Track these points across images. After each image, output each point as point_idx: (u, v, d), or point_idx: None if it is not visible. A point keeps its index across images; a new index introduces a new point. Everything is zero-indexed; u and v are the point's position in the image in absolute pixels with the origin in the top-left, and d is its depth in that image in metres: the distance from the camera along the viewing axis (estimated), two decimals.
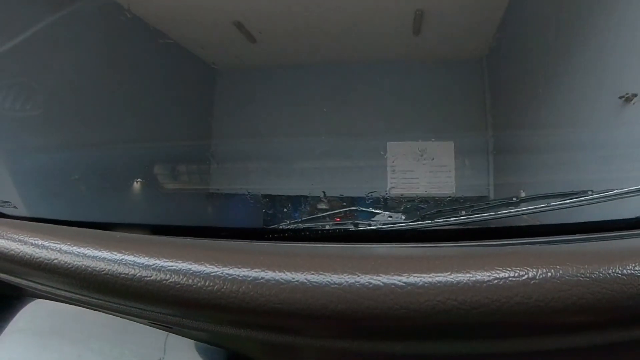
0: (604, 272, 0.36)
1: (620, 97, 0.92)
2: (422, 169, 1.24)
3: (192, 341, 0.59)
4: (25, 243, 0.53)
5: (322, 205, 1.00)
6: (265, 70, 1.56)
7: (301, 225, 0.73)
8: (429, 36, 1.43)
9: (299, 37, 1.47)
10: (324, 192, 1.01)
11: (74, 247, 0.49)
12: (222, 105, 1.56)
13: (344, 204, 0.94)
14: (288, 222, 0.74)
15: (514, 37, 1.37)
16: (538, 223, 0.63)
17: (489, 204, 0.67)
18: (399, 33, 1.45)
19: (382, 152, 1.23)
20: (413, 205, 0.95)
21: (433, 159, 1.24)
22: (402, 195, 1.16)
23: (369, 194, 0.91)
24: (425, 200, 1.06)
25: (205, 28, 1.43)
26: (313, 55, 1.52)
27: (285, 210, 1.12)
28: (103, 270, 0.45)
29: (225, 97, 1.56)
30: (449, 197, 1.20)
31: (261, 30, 1.41)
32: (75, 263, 0.47)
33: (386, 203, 0.93)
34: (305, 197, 1.04)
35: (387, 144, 1.24)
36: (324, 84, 1.49)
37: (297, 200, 1.09)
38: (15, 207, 0.83)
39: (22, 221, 0.68)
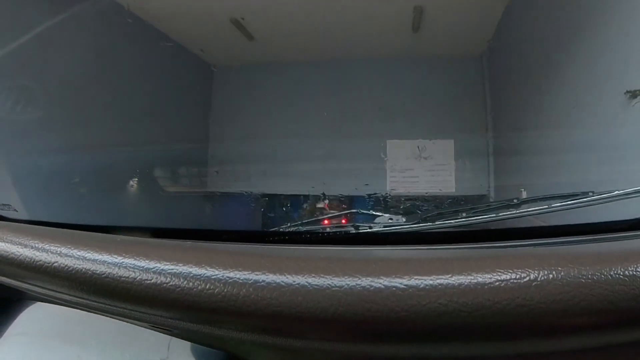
0: (605, 273, 0.36)
1: (627, 93, 0.91)
2: (422, 167, 1.23)
3: (195, 344, 0.59)
4: (26, 246, 0.52)
5: (322, 206, 1.00)
6: (263, 68, 1.55)
7: (302, 228, 0.73)
8: (428, 33, 1.42)
9: (297, 34, 1.47)
10: (323, 193, 1.01)
11: (74, 250, 0.49)
12: (220, 105, 1.56)
13: (344, 205, 0.94)
14: (289, 224, 0.74)
15: (515, 34, 1.36)
16: (543, 224, 0.63)
17: (489, 205, 0.67)
18: (398, 30, 1.44)
19: (381, 151, 1.22)
20: (413, 205, 0.94)
21: (433, 157, 1.24)
22: (402, 195, 1.15)
23: (370, 197, 0.91)
24: (425, 199, 1.05)
25: (202, 26, 1.42)
26: (311, 53, 1.52)
27: (285, 211, 1.11)
28: (103, 274, 0.45)
29: (222, 95, 1.55)
30: (449, 195, 1.20)
31: (259, 28, 1.40)
32: (75, 266, 0.47)
33: (386, 203, 0.93)
34: (306, 197, 1.04)
35: (386, 142, 1.23)
36: (322, 82, 1.49)
37: (297, 202, 1.09)
38: (15, 210, 0.83)
39: (23, 224, 0.68)
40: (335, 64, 1.52)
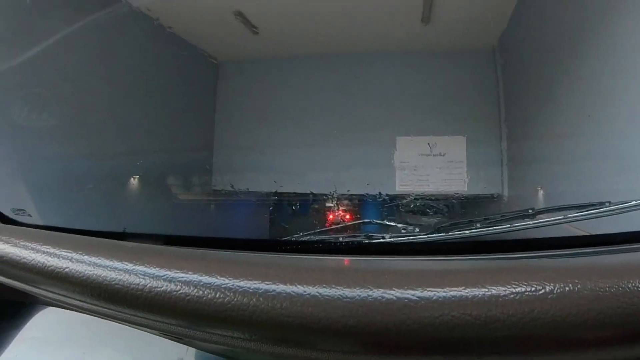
0: (623, 285, 0.35)
1: None
2: (433, 164, 1.21)
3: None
4: (38, 251, 0.53)
5: (332, 206, 0.99)
6: (267, 64, 1.54)
7: (313, 237, 0.73)
8: (439, 25, 1.40)
9: (303, 28, 1.45)
10: (334, 195, 1.00)
11: (86, 256, 0.49)
12: (225, 104, 1.54)
13: (357, 215, 0.93)
14: (300, 233, 0.73)
15: (530, 25, 1.32)
16: (559, 235, 0.62)
17: (504, 216, 0.66)
18: (408, 22, 1.42)
19: (391, 148, 1.21)
20: (425, 205, 0.94)
21: (444, 154, 1.22)
22: (415, 197, 1.13)
23: (385, 204, 0.90)
24: (436, 199, 1.04)
25: (205, 20, 1.41)
26: (316, 47, 1.49)
27: (295, 217, 1.10)
28: (114, 280, 0.45)
29: (227, 93, 1.54)
30: (461, 194, 1.17)
31: (264, 21, 1.39)
32: (86, 272, 0.47)
33: (398, 206, 0.92)
34: (316, 202, 1.04)
35: (396, 138, 1.21)
36: (328, 76, 1.47)
37: (306, 208, 1.08)
38: (29, 215, 0.84)
39: (36, 229, 0.68)
40: (342, 58, 1.50)
